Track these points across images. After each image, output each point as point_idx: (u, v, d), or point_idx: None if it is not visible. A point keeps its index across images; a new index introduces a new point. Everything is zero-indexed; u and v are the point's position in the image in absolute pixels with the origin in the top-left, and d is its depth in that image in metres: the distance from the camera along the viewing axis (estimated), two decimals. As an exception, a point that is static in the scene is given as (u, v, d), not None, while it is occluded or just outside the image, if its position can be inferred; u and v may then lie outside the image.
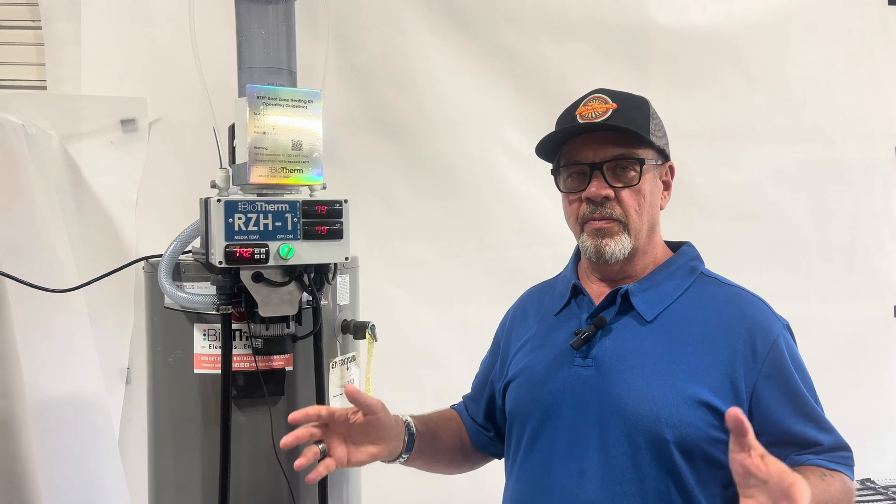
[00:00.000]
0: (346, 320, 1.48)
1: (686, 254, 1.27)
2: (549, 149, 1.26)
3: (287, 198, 1.30)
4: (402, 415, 1.29)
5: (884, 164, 2.49)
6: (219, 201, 1.24)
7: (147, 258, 1.44)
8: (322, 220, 1.30)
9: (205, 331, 1.34)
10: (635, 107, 1.21)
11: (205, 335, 1.34)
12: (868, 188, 2.49)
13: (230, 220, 1.24)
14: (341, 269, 1.43)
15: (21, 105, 2.09)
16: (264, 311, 1.28)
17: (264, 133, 1.27)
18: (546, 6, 2.34)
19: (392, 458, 1.24)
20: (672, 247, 1.29)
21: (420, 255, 2.38)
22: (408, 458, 1.27)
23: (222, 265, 1.24)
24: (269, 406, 1.33)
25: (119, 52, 2.21)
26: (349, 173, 2.30)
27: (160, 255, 1.36)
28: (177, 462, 1.39)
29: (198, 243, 1.39)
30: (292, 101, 1.30)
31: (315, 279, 1.33)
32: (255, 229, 1.26)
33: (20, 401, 1.78)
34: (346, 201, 1.33)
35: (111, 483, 2.04)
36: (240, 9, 1.39)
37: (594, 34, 2.35)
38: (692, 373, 1.12)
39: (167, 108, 2.22)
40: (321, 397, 1.37)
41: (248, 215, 1.25)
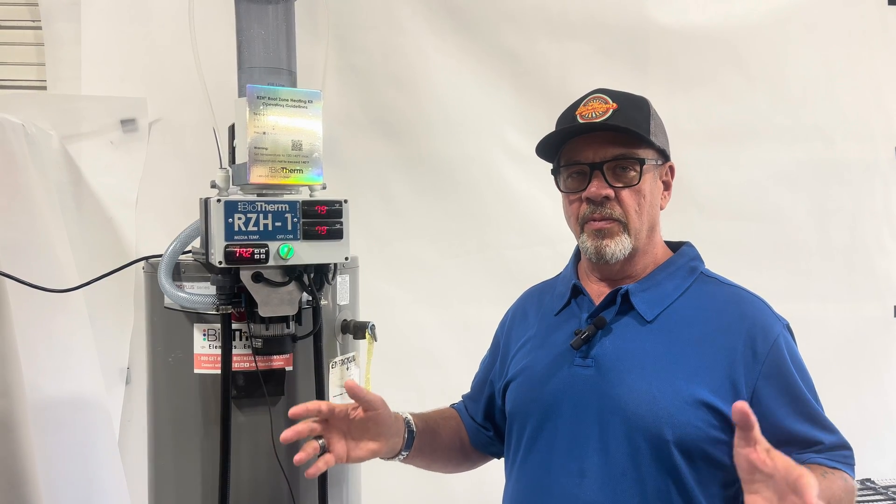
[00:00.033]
0: (346, 320, 1.48)
1: (686, 254, 1.27)
2: (550, 149, 1.26)
3: (287, 198, 1.30)
4: (402, 412, 1.29)
5: (884, 164, 2.49)
6: (219, 201, 1.24)
7: (147, 258, 1.44)
8: (322, 220, 1.30)
9: (205, 331, 1.34)
10: (636, 107, 1.21)
11: (205, 335, 1.34)
12: (868, 188, 2.48)
13: (230, 220, 1.24)
14: (341, 269, 1.43)
15: (21, 105, 2.09)
16: (264, 311, 1.28)
17: (264, 133, 1.27)
18: (546, 6, 2.34)
19: (391, 455, 1.25)
20: (672, 247, 1.29)
21: (420, 255, 2.38)
22: (407, 455, 1.27)
23: (222, 265, 1.24)
24: (269, 406, 1.33)
25: (119, 52, 2.21)
26: (349, 173, 2.30)
27: (160, 255, 1.36)
28: (177, 462, 1.39)
29: (198, 243, 1.39)
30: (292, 101, 1.30)
31: (315, 279, 1.33)
32: (255, 229, 1.26)
33: (20, 401, 1.78)
34: (345, 201, 1.33)
35: (111, 483, 2.04)
36: (240, 9, 1.39)
37: (594, 34, 2.35)
38: (692, 373, 1.12)
39: (167, 108, 2.22)
40: (321, 397, 1.37)
41: (248, 215, 1.25)
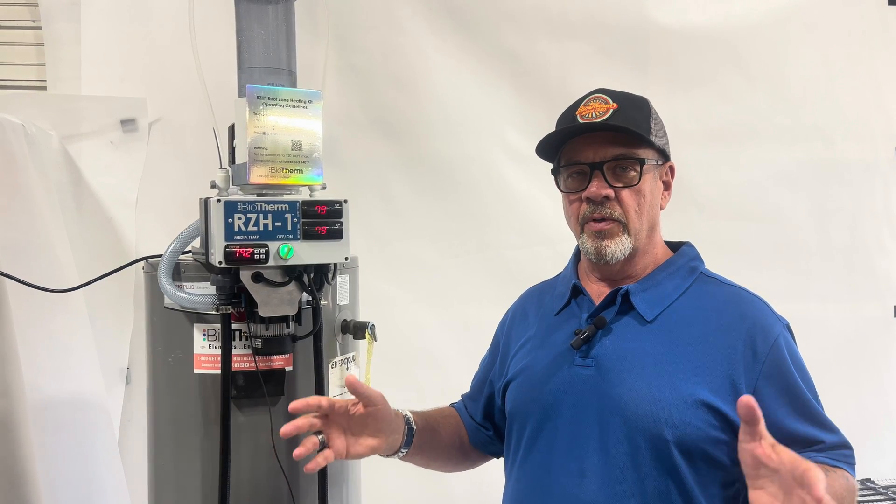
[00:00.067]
0: (345, 320, 1.48)
1: (686, 254, 1.27)
2: (550, 149, 1.26)
3: (287, 198, 1.30)
4: (402, 410, 1.29)
5: (884, 164, 2.49)
6: (219, 201, 1.24)
7: (147, 258, 1.44)
8: (322, 220, 1.30)
9: (205, 331, 1.34)
10: (636, 107, 1.21)
11: (205, 335, 1.34)
12: (868, 188, 2.48)
13: (230, 220, 1.24)
14: (341, 269, 1.43)
15: (21, 105, 2.09)
16: (264, 312, 1.28)
17: (264, 133, 1.27)
18: (546, 6, 2.34)
19: (391, 452, 1.25)
20: (672, 247, 1.29)
21: (420, 255, 2.38)
22: (406, 452, 1.27)
23: (222, 265, 1.24)
24: (268, 406, 1.33)
25: (119, 52, 2.21)
26: (349, 173, 2.30)
27: (160, 255, 1.36)
28: (177, 462, 1.39)
29: (198, 243, 1.39)
30: (292, 101, 1.30)
31: (315, 279, 1.33)
32: (255, 229, 1.26)
33: (20, 401, 1.78)
34: (345, 201, 1.33)
35: (111, 483, 2.04)
36: (240, 9, 1.39)
37: (594, 34, 2.35)
38: (692, 373, 1.12)
39: (167, 108, 2.22)
40: (321, 397, 1.37)
41: (248, 215, 1.25)
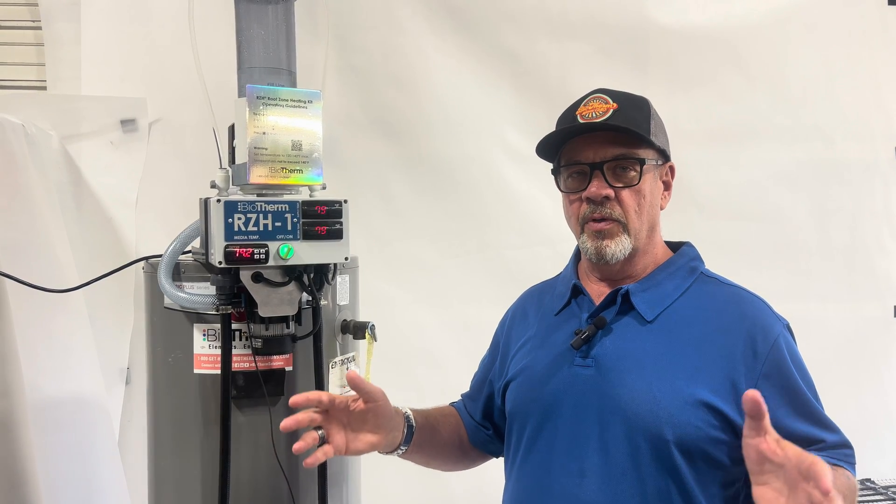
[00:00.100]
0: (345, 320, 1.48)
1: (686, 254, 1.27)
2: (550, 149, 1.26)
3: (287, 198, 1.30)
4: (402, 407, 1.29)
5: (884, 164, 2.49)
6: (218, 201, 1.24)
7: (147, 258, 1.44)
8: (322, 220, 1.30)
9: (204, 331, 1.34)
10: (636, 107, 1.21)
11: (204, 335, 1.34)
12: (868, 188, 2.48)
13: (230, 220, 1.24)
14: (341, 270, 1.43)
15: (21, 105, 2.09)
16: (264, 312, 1.28)
17: (264, 133, 1.27)
18: (546, 6, 2.34)
19: (390, 449, 1.25)
20: (672, 247, 1.29)
21: (420, 255, 2.38)
22: (406, 450, 1.27)
23: (222, 265, 1.24)
24: (268, 406, 1.33)
25: (119, 52, 2.21)
26: (349, 173, 2.30)
27: (160, 255, 1.36)
28: (177, 462, 1.39)
29: (198, 243, 1.39)
30: (292, 101, 1.30)
31: (315, 279, 1.33)
32: (255, 229, 1.26)
33: (20, 401, 1.78)
34: (345, 201, 1.33)
35: (111, 483, 2.04)
36: (240, 9, 1.39)
37: (594, 34, 2.35)
38: (692, 373, 1.12)
39: (167, 108, 2.22)
40: (321, 397, 1.37)
41: (248, 215, 1.25)
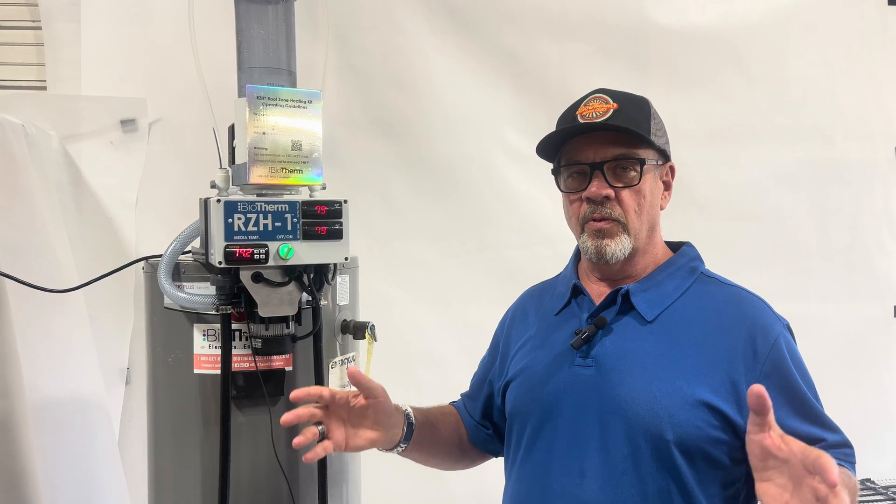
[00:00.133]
0: (345, 320, 1.48)
1: (686, 254, 1.27)
2: (550, 149, 1.26)
3: (287, 198, 1.30)
4: (403, 405, 1.29)
5: (884, 164, 2.49)
6: (218, 201, 1.24)
7: (147, 258, 1.44)
8: (322, 220, 1.30)
9: (204, 331, 1.34)
10: (636, 107, 1.21)
11: (204, 335, 1.34)
12: (868, 188, 2.48)
13: (230, 220, 1.24)
14: (341, 270, 1.43)
15: (21, 105, 2.09)
16: (264, 312, 1.28)
17: (264, 133, 1.27)
18: (546, 6, 2.34)
19: (390, 446, 1.25)
20: (672, 247, 1.29)
21: (420, 255, 2.38)
22: (405, 447, 1.27)
23: (222, 265, 1.24)
24: (268, 406, 1.33)
25: (119, 52, 2.21)
26: (349, 173, 2.30)
27: (160, 256, 1.36)
28: (176, 462, 1.39)
29: (198, 243, 1.39)
30: (292, 101, 1.30)
31: (315, 279, 1.33)
32: (255, 229, 1.26)
33: (20, 401, 1.78)
34: (345, 201, 1.33)
35: (111, 483, 2.04)
36: (239, 9, 1.39)
37: (594, 34, 2.35)
38: (693, 373, 1.12)
39: (167, 108, 2.22)
40: (321, 397, 1.37)
41: (248, 215, 1.25)
